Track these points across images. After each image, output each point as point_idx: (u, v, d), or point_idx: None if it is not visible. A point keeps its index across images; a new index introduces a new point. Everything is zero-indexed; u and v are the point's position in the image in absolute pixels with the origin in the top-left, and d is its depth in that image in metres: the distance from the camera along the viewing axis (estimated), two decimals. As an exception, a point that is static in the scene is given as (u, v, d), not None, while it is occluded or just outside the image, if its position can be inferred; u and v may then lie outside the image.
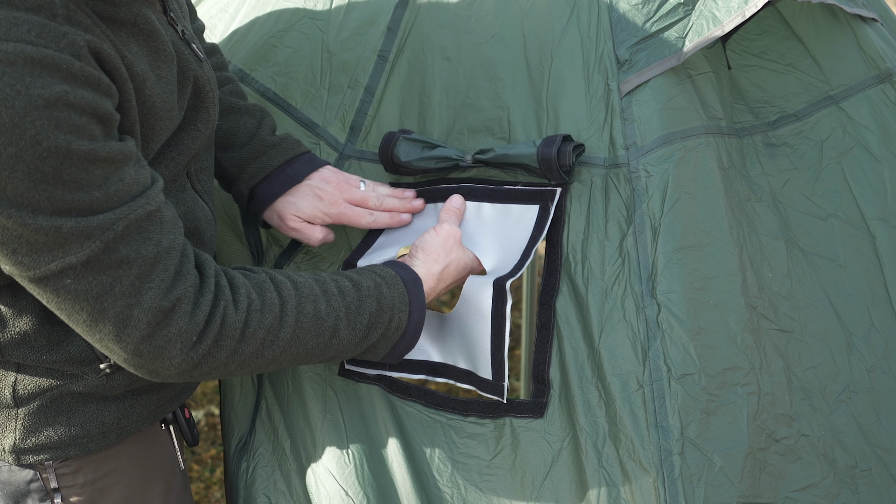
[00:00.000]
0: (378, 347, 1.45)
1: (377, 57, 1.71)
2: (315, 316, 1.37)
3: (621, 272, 1.49)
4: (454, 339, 1.54)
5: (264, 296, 1.34)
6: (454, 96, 1.66)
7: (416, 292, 1.46)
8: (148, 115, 1.29)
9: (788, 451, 1.47)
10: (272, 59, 1.79)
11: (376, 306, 1.42)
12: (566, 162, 1.51)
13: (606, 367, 1.45)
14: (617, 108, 1.55)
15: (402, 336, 1.46)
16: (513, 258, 1.53)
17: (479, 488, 1.49)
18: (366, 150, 1.70)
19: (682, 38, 1.55)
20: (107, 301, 1.21)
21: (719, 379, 1.44)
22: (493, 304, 1.47)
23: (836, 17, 1.68)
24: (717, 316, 1.47)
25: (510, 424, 1.50)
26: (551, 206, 1.53)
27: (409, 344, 1.48)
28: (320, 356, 1.40)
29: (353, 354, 1.44)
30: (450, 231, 1.53)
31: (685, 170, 1.52)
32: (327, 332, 1.38)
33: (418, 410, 1.56)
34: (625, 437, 1.43)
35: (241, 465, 1.62)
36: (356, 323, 1.40)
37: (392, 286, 1.44)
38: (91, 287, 1.20)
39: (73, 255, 1.17)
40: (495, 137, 1.61)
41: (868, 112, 1.65)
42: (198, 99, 1.43)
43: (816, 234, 1.62)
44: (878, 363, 1.57)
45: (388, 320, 1.43)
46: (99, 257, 1.18)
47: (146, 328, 1.23)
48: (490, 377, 1.49)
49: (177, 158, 1.40)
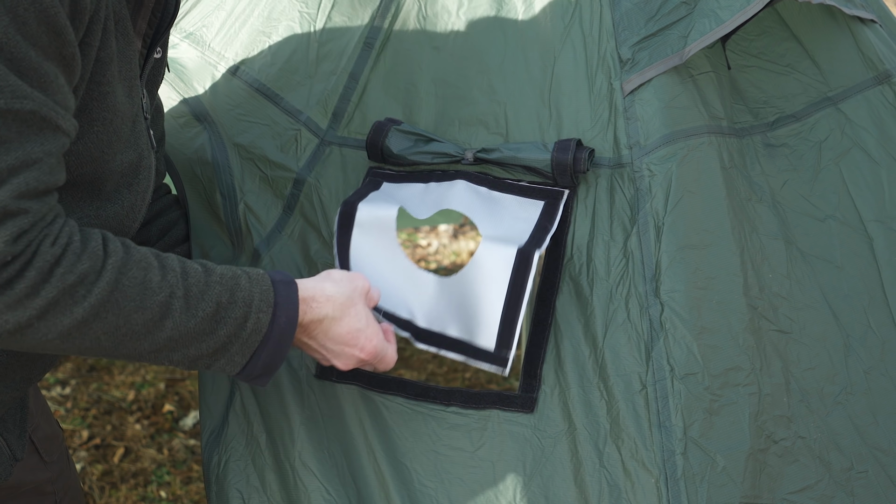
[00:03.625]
0: (231, 351, 1.28)
1: (363, 44, 1.70)
2: (143, 284, 1.20)
3: (625, 272, 1.49)
4: (450, 304, 1.48)
5: (88, 243, 1.19)
6: (443, 86, 1.64)
7: (287, 295, 1.31)
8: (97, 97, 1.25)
9: (786, 452, 1.47)
10: (262, 51, 1.78)
11: (228, 297, 1.26)
12: (581, 168, 1.50)
13: (610, 368, 1.45)
14: (620, 108, 1.55)
15: (262, 343, 1.29)
16: (520, 234, 1.49)
17: (462, 481, 1.48)
18: (348, 137, 1.67)
19: (685, 38, 1.55)
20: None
21: (722, 379, 1.45)
22: (515, 271, 1.42)
23: (834, 18, 1.69)
24: (720, 316, 1.47)
25: (496, 417, 1.49)
26: (559, 204, 1.52)
27: (274, 356, 1.31)
28: (150, 342, 1.23)
29: (198, 354, 1.27)
30: (364, 283, 1.41)
31: (688, 169, 1.52)
32: (156, 309, 1.21)
33: (399, 403, 1.53)
34: (627, 437, 1.42)
35: (212, 457, 1.58)
36: (196, 308, 1.24)
37: (256, 282, 1.29)
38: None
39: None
40: (490, 132, 1.60)
41: (866, 113, 1.66)
42: (134, 176, 1.37)
43: (814, 235, 1.62)
44: (875, 365, 1.57)
45: (242, 317, 1.27)
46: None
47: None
48: (493, 346, 1.43)
49: None
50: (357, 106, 1.68)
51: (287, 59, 1.75)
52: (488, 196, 1.55)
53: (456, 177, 1.58)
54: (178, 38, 1.86)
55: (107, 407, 3.39)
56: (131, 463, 3.15)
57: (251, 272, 1.31)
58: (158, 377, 3.57)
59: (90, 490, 3.01)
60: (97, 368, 3.61)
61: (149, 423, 3.34)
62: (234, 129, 1.73)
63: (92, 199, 1.34)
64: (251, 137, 1.72)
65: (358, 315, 1.38)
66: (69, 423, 3.30)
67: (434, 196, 1.58)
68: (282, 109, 1.71)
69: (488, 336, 1.45)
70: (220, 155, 1.72)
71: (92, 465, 3.12)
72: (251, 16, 1.82)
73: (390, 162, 1.61)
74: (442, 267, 3.27)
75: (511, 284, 1.42)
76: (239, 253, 1.68)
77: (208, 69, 1.81)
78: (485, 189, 1.56)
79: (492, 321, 1.44)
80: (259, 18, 1.80)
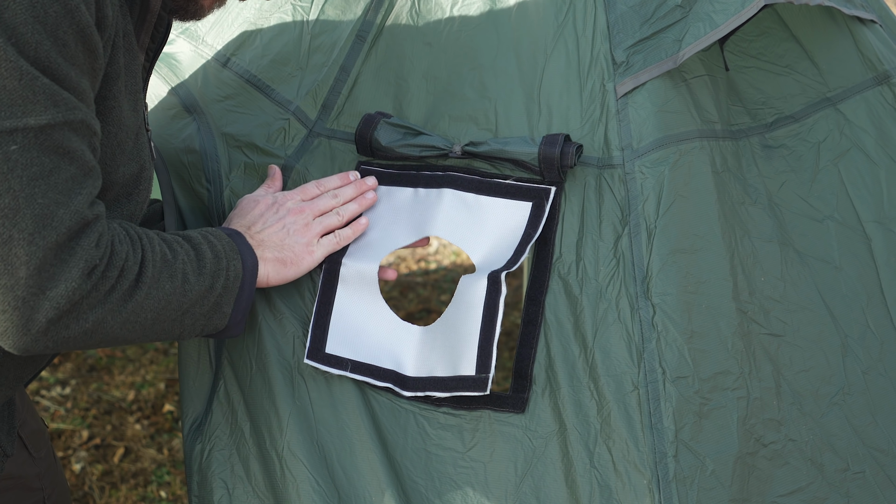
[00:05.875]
0: (221, 302, 1.41)
1: (355, 37, 1.70)
2: (163, 257, 1.34)
3: (616, 273, 1.48)
4: (434, 348, 1.51)
5: (129, 233, 1.32)
6: (434, 82, 1.65)
7: (241, 241, 1.45)
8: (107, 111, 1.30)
9: (776, 455, 1.47)
10: (254, 43, 1.78)
11: (212, 254, 1.39)
12: (568, 162, 1.50)
13: (601, 368, 1.45)
14: (612, 109, 1.55)
15: (241, 285, 1.43)
16: (505, 253, 1.52)
17: (453, 480, 1.48)
18: (337, 130, 1.68)
19: (679, 41, 1.55)
20: (38, 187, 1.16)
21: (711, 383, 1.45)
22: (487, 296, 1.45)
23: (834, 18, 1.68)
24: (710, 320, 1.47)
25: (487, 417, 1.49)
26: (546, 205, 1.52)
27: (248, 295, 1.44)
28: (176, 308, 1.35)
29: (201, 312, 1.39)
30: (263, 197, 1.54)
31: (680, 173, 1.52)
32: (179, 275, 1.35)
33: (390, 399, 1.53)
34: (618, 438, 1.42)
35: (195, 446, 1.58)
36: (201, 268, 1.37)
37: (217, 237, 1.43)
38: (31, 164, 1.16)
39: (33, 117, 1.14)
40: (480, 128, 1.60)
41: (865, 114, 1.65)
42: (134, 187, 1.42)
43: (812, 235, 1.62)
44: (873, 365, 1.57)
45: (225, 267, 1.40)
46: (53, 132, 1.16)
47: (66, 232, 1.19)
48: (473, 371, 1.46)
49: None
50: (347, 98, 1.68)
51: (279, 50, 1.76)
52: (475, 204, 1.56)
53: (444, 182, 1.58)
54: (175, 34, 1.86)
55: (107, 407, 3.39)
56: (131, 463, 3.15)
57: (206, 230, 1.44)
58: (158, 377, 3.57)
59: (90, 490, 3.02)
60: (97, 368, 3.62)
61: (149, 423, 3.34)
62: (223, 119, 1.74)
63: None
64: (240, 127, 1.72)
65: (272, 205, 1.53)
66: (69, 423, 3.30)
67: (421, 210, 1.59)
68: (272, 100, 1.72)
69: (470, 361, 1.47)
70: (208, 144, 1.73)
71: (92, 465, 3.13)
72: (245, 8, 1.83)
73: (378, 155, 1.61)
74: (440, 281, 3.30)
75: (485, 308, 1.46)
76: None
77: (200, 61, 1.82)
78: (472, 196, 1.56)
79: (472, 347, 1.46)
80: (251, 10, 1.81)
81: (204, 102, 1.78)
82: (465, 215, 1.56)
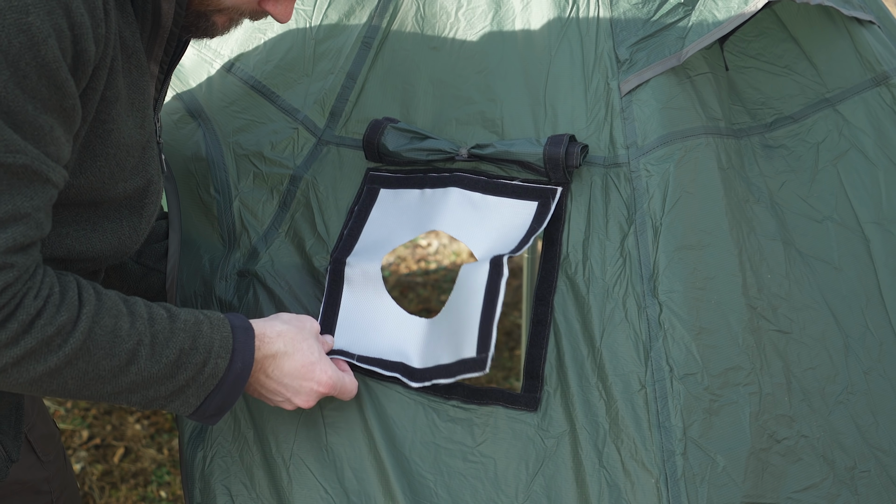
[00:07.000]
0: (187, 393, 1.32)
1: (361, 43, 1.70)
2: (113, 332, 1.24)
3: (622, 272, 1.49)
4: (440, 338, 1.51)
5: (66, 294, 1.22)
6: (441, 86, 1.65)
7: (244, 341, 1.35)
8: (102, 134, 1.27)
9: (789, 451, 1.47)
10: (258, 49, 1.78)
11: (190, 343, 1.30)
12: (573, 163, 1.51)
13: (608, 368, 1.45)
14: (617, 108, 1.55)
15: (217, 386, 1.33)
16: (508, 246, 1.51)
17: (462, 475, 1.47)
18: (345, 137, 1.68)
19: (682, 39, 1.56)
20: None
21: (721, 379, 1.44)
22: (489, 279, 1.45)
23: (832, 19, 1.69)
24: (719, 316, 1.47)
25: (500, 413, 1.48)
26: (552, 203, 1.52)
27: (226, 399, 1.35)
28: (113, 385, 1.26)
29: (155, 396, 1.30)
30: (314, 324, 1.46)
31: (685, 169, 1.52)
32: (124, 356, 1.25)
33: (398, 392, 1.52)
34: (626, 438, 1.42)
35: (196, 454, 1.57)
36: (161, 355, 1.28)
37: (216, 328, 1.33)
38: None
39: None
40: (487, 131, 1.61)
41: (864, 115, 1.66)
42: (140, 200, 1.39)
43: (812, 236, 1.62)
44: (873, 365, 1.57)
45: (201, 362, 1.31)
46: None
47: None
48: (474, 352, 1.45)
49: None
50: (355, 105, 1.69)
51: (283, 56, 1.76)
52: (482, 202, 1.57)
53: (450, 182, 1.59)
54: (181, 40, 1.86)
55: (107, 407, 3.38)
56: (131, 463, 3.15)
57: (212, 317, 1.35)
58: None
59: (90, 490, 3.01)
60: (97, 368, 3.61)
61: (149, 423, 3.33)
62: (229, 126, 1.74)
63: (93, 220, 1.36)
64: (247, 136, 1.72)
65: (311, 349, 1.43)
66: (69, 423, 3.30)
67: (428, 208, 1.59)
68: (278, 107, 1.72)
69: (470, 346, 1.46)
70: (215, 152, 1.72)
71: (92, 465, 3.12)
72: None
73: (386, 160, 1.62)
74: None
75: (486, 290, 1.45)
76: (230, 250, 1.68)
77: (204, 66, 1.82)
78: (478, 195, 1.57)
79: (473, 329, 1.46)
80: None
81: (209, 108, 1.77)
82: (470, 212, 1.57)
